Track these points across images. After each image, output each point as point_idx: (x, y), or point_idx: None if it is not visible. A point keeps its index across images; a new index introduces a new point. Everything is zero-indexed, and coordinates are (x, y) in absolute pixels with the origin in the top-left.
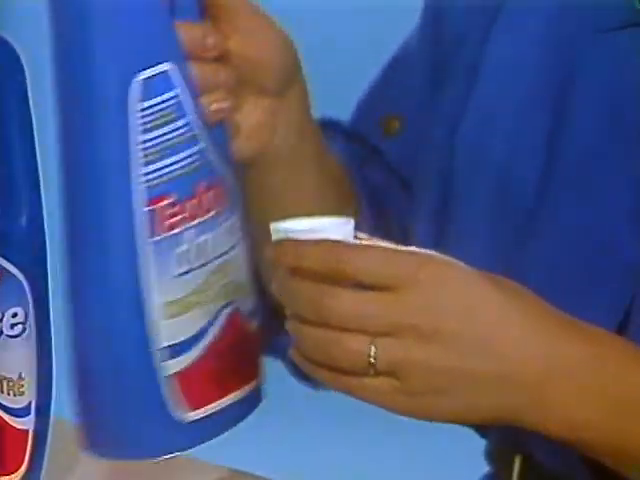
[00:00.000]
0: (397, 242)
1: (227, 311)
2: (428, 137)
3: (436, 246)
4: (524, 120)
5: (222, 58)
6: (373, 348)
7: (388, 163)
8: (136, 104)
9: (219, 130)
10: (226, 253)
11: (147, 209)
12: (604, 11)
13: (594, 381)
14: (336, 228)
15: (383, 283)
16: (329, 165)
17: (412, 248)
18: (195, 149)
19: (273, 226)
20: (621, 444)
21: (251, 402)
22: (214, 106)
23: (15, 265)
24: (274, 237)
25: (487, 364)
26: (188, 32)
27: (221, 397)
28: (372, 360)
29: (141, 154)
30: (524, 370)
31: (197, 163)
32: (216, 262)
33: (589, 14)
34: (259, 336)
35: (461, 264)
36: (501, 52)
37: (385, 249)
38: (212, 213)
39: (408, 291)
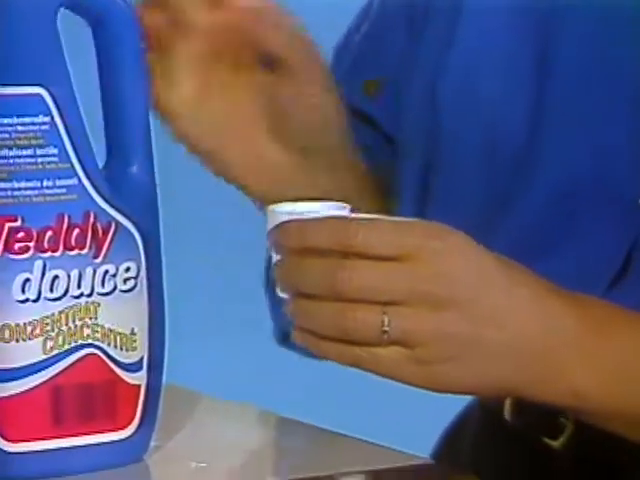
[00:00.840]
0: None
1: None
2: (409, 92)
3: (423, 205)
4: (509, 65)
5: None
6: (386, 317)
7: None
8: None
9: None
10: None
11: None
12: None
13: (594, 349)
14: (335, 209)
15: (393, 254)
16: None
17: (417, 220)
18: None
19: (271, 210)
20: (624, 409)
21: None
22: None
23: (127, 217)
24: (273, 221)
25: (497, 332)
26: None
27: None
28: (385, 329)
29: None
30: (530, 341)
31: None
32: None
33: None
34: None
35: (466, 235)
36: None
37: (392, 221)
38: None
39: (418, 260)
